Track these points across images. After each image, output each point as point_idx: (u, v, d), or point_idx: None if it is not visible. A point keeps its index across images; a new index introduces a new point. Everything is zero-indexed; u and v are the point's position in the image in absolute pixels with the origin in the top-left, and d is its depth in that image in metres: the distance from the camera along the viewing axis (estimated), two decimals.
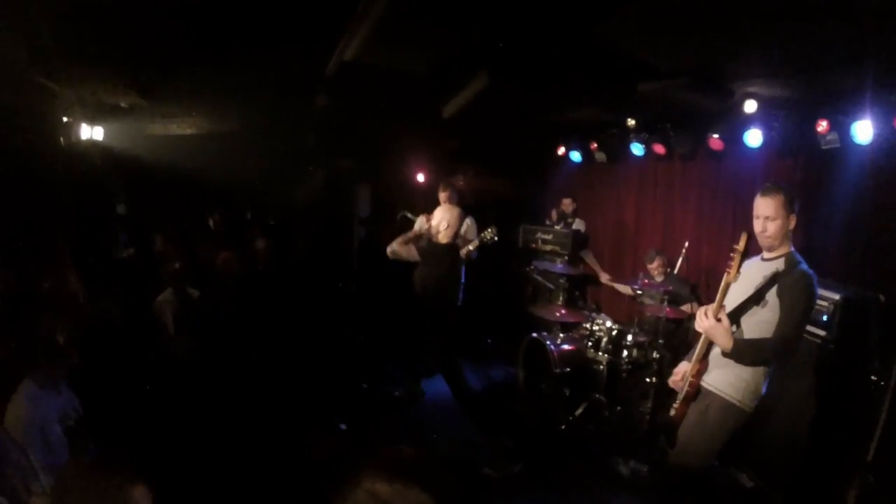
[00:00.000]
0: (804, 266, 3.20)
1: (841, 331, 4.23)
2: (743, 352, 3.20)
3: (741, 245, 3.16)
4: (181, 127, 6.43)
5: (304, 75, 5.62)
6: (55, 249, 4.37)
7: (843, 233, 5.06)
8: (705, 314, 3.25)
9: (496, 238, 5.90)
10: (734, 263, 3.18)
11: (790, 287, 3.14)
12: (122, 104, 5.68)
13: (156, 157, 6.68)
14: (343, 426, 5.34)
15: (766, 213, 3.26)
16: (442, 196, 6.39)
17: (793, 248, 3.31)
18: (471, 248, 5.99)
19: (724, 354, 3.25)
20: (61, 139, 5.57)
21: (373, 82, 5.53)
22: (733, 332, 3.21)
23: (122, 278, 5.24)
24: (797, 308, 3.10)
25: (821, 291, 4.33)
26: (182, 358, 5.17)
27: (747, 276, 3.37)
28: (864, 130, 4.65)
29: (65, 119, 5.65)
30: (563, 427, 5.44)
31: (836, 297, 4.29)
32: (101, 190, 6.28)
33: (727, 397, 3.25)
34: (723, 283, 3.24)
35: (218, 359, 5.15)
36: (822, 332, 4.33)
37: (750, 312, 3.28)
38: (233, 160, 6.95)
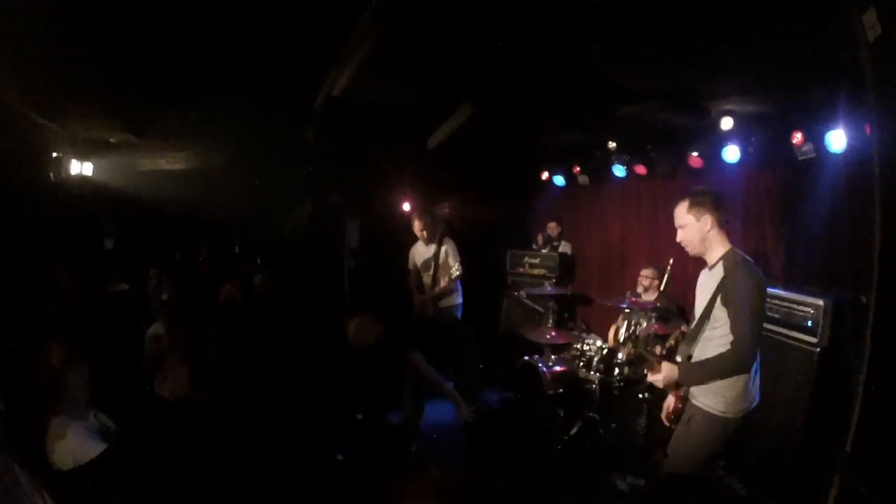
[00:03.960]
0: (744, 265, 3.14)
1: (827, 336, 4.27)
2: (694, 375, 3.21)
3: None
4: (170, 162, 6.48)
5: (291, 110, 5.72)
6: (56, 280, 4.36)
7: (825, 240, 5.12)
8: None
9: (461, 275, 6.06)
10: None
11: (732, 292, 3.09)
12: (112, 140, 5.74)
13: (145, 193, 6.71)
14: (340, 456, 5.29)
15: (677, 223, 3.31)
16: (417, 229, 6.29)
17: (731, 248, 3.26)
18: (452, 277, 6.08)
19: (683, 383, 3.27)
20: (51, 174, 5.61)
21: (359, 115, 5.64)
22: (696, 351, 3.29)
23: (116, 313, 5.24)
24: (744, 310, 3.04)
25: (805, 298, 4.46)
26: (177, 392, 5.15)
27: (701, 291, 3.39)
28: (837, 139, 4.76)
29: (54, 154, 5.70)
30: (559, 447, 5.43)
31: (821, 302, 4.35)
32: (90, 225, 6.29)
33: (707, 409, 3.23)
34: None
35: (215, 392, 5.13)
36: (809, 338, 4.37)
37: (706, 331, 3.28)
38: (222, 194, 6.99)
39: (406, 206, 8.01)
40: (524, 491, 4.84)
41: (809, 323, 4.40)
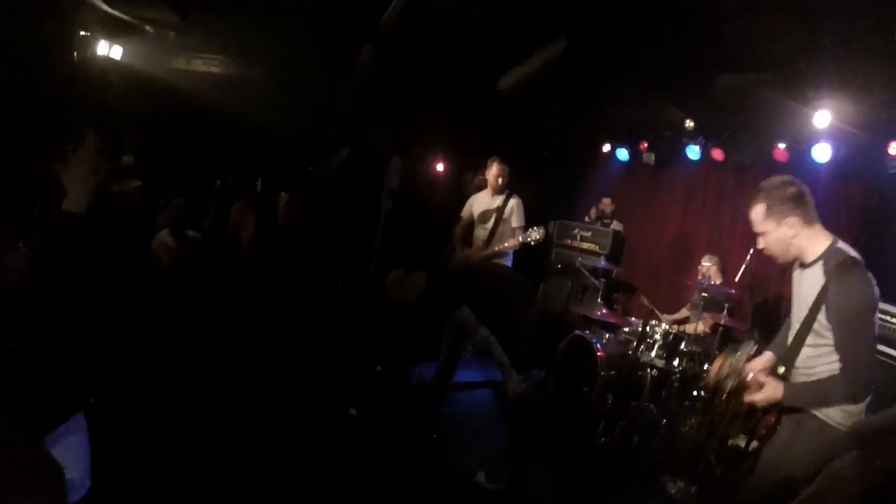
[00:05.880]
0: (851, 270, 2.49)
1: None
2: (800, 397, 2.59)
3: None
4: (206, 64, 5.77)
5: (352, 24, 5.12)
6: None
7: None
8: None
9: (541, 240, 5.23)
10: None
11: (837, 307, 2.49)
12: (148, 27, 5.07)
13: (172, 91, 5.98)
14: (353, 411, 4.78)
15: (755, 228, 2.75)
16: (493, 175, 5.45)
17: (831, 243, 2.62)
18: (517, 242, 5.27)
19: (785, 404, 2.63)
20: (75, 53, 4.89)
21: (427, 38, 5.07)
22: (796, 371, 2.68)
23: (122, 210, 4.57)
24: (854, 331, 2.48)
25: None
26: (174, 309, 4.53)
27: (797, 293, 2.78)
28: None
29: (82, 32, 4.98)
30: (604, 438, 4.93)
31: None
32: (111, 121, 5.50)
33: (824, 417, 2.56)
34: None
35: (214, 320, 4.54)
36: None
37: (809, 346, 2.65)
38: (255, 109, 6.21)
39: (440, 167, 7.47)
40: (564, 486, 4.36)
41: None
